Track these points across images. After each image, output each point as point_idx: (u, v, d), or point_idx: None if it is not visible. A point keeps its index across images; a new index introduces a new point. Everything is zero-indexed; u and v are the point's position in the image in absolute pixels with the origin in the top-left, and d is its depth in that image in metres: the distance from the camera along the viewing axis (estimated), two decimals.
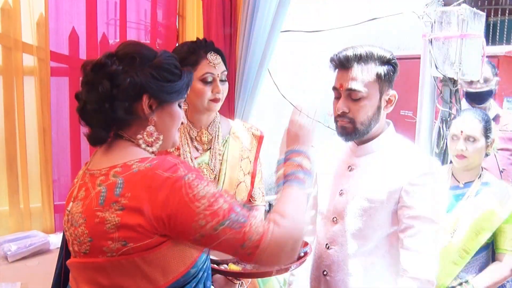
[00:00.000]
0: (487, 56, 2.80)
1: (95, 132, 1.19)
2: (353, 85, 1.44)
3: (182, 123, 1.28)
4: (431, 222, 1.43)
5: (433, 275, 1.42)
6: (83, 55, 2.48)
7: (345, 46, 1.53)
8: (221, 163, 1.84)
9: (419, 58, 2.60)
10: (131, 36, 2.54)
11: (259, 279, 2.08)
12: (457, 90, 2.52)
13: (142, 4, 2.56)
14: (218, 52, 1.80)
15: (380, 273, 1.52)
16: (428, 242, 1.42)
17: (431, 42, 2.42)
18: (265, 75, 2.43)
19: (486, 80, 2.88)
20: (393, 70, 1.49)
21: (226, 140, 1.87)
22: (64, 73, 2.50)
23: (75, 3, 2.45)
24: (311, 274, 1.69)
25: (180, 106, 1.25)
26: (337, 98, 1.51)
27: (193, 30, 2.45)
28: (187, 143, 1.80)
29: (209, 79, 1.74)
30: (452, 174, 2.15)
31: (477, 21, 2.40)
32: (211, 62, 1.75)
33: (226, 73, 1.82)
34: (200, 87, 1.73)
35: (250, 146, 1.93)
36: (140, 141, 1.19)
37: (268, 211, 1.59)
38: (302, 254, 1.48)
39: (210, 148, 1.84)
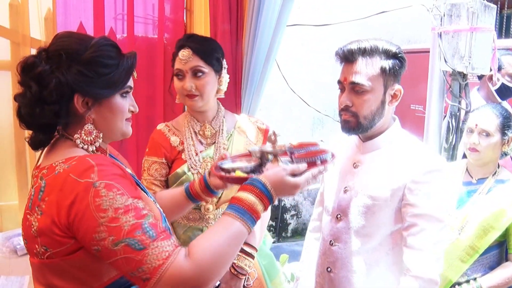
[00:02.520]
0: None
1: (34, 136, 1.14)
2: (357, 78, 1.43)
3: (133, 112, 1.23)
4: (435, 220, 1.42)
5: (436, 274, 1.40)
6: None
7: (354, 39, 1.52)
8: None
9: (426, 51, 2.57)
10: (139, 31, 2.53)
11: (265, 273, 2.10)
12: (466, 84, 2.48)
13: None
14: (190, 45, 1.76)
15: (383, 271, 1.51)
16: (431, 240, 1.40)
17: (440, 35, 2.39)
18: (273, 69, 2.42)
19: None
20: (400, 65, 1.46)
21: (231, 134, 1.90)
22: None
23: None
24: (316, 270, 1.70)
25: (125, 96, 1.19)
26: (342, 91, 1.50)
27: (201, 24, 2.44)
28: (191, 137, 1.83)
29: (179, 75, 1.77)
30: (467, 170, 2.12)
31: (488, 14, 2.36)
32: (181, 58, 1.76)
33: (202, 67, 1.76)
34: (175, 83, 1.79)
35: (255, 140, 1.95)
36: (78, 141, 1.13)
37: (276, 206, 1.58)
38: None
39: (215, 142, 1.85)
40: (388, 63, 1.43)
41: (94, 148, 1.16)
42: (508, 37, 6.26)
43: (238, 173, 1.32)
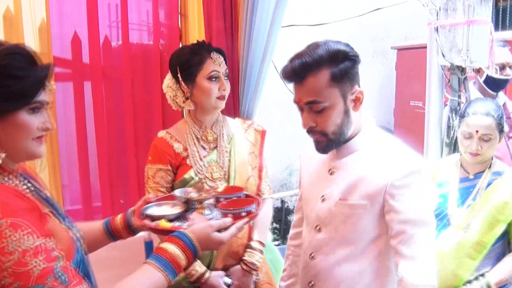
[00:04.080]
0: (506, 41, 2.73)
1: None
2: (310, 97, 1.30)
3: (49, 129, 1.08)
4: (423, 224, 1.33)
5: (434, 279, 1.32)
6: (86, 59, 2.48)
7: (347, 39, 1.40)
8: (229, 160, 1.88)
9: (424, 47, 2.56)
10: (134, 37, 2.53)
11: (272, 267, 2.14)
12: (465, 78, 2.47)
13: (144, 5, 2.54)
14: (219, 51, 1.86)
15: (369, 281, 1.42)
16: (423, 246, 1.31)
17: (437, 30, 2.38)
18: (271, 70, 2.41)
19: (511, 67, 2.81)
20: (352, 65, 1.31)
21: (231, 137, 1.92)
22: (68, 78, 2.50)
23: (77, 7, 2.44)
24: (299, 283, 1.59)
25: (34, 112, 1.05)
26: (301, 110, 1.38)
27: (196, 29, 2.43)
28: (194, 143, 1.86)
29: (215, 76, 1.80)
30: (461, 165, 2.09)
31: (484, 6, 2.35)
32: (215, 61, 1.81)
33: (227, 71, 1.89)
34: (207, 85, 1.79)
35: (254, 142, 1.99)
36: None
37: (280, 208, 1.57)
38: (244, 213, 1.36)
39: (217, 146, 1.86)
40: (339, 69, 1.28)
41: None
42: (505, 30, 6.25)
43: (163, 223, 1.32)
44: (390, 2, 2.69)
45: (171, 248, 1.14)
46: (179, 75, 1.82)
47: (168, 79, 1.88)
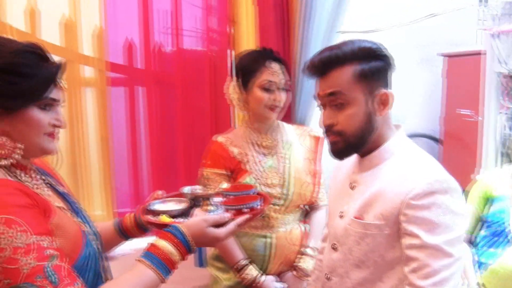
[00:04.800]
0: None
1: None
2: (333, 89, 1.22)
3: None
4: (441, 254, 1.12)
5: None
6: (138, 64, 2.53)
7: (393, 46, 1.33)
8: (287, 166, 1.87)
9: (476, 54, 2.49)
10: (185, 43, 2.56)
11: None
12: None
13: (195, 11, 2.57)
14: (278, 60, 1.83)
15: None
16: (438, 280, 1.11)
17: (495, 36, 2.31)
18: None
19: None
20: (380, 66, 1.23)
21: (289, 144, 1.90)
22: (121, 83, 2.56)
23: (131, 14, 2.50)
24: None
25: (45, 108, 1.07)
26: (323, 107, 1.30)
27: (246, 36, 2.44)
28: (251, 149, 1.85)
29: (268, 86, 1.78)
30: None
31: None
32: (271, 70, 1.78)
33: (287, 82, 1.84)
34: (259, 94, 1.78)
35: (309, 147, 1.97)
36: None
37: None
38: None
39: (274, 152, 1.85)
40: (365, 67, 1.21)
41: (9, 163, 1.05)
42: None
43: (164, 218, 1.27)
44: (441, 7, 2.63)
45: (163, 244, 1.10)
46: (239, 79, 1.83)
47: (232, 82, 1.89)
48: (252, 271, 1.80)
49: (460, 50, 3.56)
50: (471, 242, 2.04)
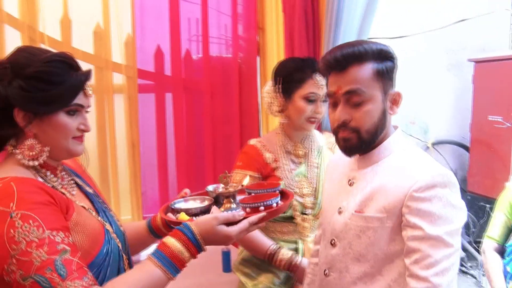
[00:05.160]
0: None
1: None
2: (353, 86, 1.23)
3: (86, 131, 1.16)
4: (443, 245, 1.16)
5: None
6: (168, 71, 2.58)
7: (422, 52, 1.36)
8: (318, 174, 1.87)
9: (508, 59, 2.44)
10: (214, 51, 2.59)
11: None
12: None
13: (223, 19, 2.61)
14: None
15: None
16: (440, 270, 1.15)
17: None
18: None
19: None
20: (393, 66, 1.27)
21: (320, 152, 1.90)
22: (151, 90, 2.60)
23: (160, 22, 2.55)
24: None
25: (72, 114, 1.13)
26: (334, 105, 1.29)
27: (274, 43, 2.46)
28: (284, 156, 1.85)
29: (312, 98, 1.77)
30: None
31: None
32: (317, 83, 1.77)
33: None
34: (301, 104, 1.77)
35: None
36: (19, 156, 1.10)
37: None
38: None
39: (306, 160, 1.86)
40: (384, 66, 1.24)
41: (37, 163, 1.11)
42: None
43: (183, 216, 1.26)
44: (475, 12, 2.59)
45: (173, 242, 1.11)
46: (279, 86, 1.83)
47: (269, 86, 1.89)
48: (286, 252, 1.78)
49: (490, 55, 3.50)
50: (502, 253, 2.00)
